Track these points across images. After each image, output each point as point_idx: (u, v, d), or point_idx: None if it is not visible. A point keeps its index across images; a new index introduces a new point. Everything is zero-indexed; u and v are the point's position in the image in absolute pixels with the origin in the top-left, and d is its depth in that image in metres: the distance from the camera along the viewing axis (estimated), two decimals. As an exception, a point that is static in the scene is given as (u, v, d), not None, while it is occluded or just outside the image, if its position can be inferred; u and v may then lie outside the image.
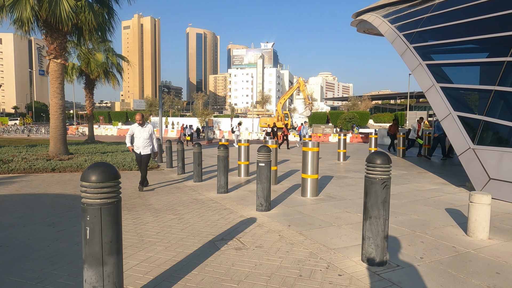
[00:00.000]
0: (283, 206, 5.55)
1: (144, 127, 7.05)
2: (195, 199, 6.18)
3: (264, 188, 5.11)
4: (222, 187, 6.74)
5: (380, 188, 2.99)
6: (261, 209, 5.16)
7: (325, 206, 5.48)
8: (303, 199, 6.05)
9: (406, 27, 10.54)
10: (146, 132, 7.01)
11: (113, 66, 22.68)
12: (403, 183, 7.68)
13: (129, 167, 10.59)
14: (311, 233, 4.09)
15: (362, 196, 6.24)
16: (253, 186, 7.44)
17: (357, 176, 8.74)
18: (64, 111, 12.76)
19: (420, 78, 8.50)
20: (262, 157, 5.11)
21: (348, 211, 5.19)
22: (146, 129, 7.06)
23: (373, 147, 13.37)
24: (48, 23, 11.77)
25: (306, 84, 45.41)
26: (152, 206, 5.61)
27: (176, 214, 5.04)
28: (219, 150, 6.71)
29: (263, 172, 5.11)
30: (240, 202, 5.91)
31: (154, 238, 3.97)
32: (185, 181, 8.26)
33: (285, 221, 4.62)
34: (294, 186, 7.38)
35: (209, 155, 15.38)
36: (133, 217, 4.90)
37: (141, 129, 7.02)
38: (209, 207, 5.51)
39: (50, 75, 12.48)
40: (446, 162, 11.89)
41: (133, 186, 7.63)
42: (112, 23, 13.70)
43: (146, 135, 7.00)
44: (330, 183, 7.78)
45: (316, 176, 6.19)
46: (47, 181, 8.23)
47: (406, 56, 9.45)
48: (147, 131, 7.03)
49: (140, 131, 7.02)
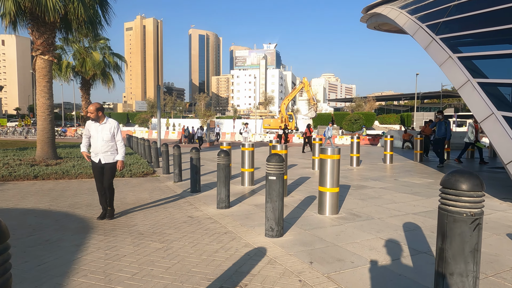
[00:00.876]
0: (298, 228, 4.46)
1: (103, 124, 4.97)
2: (190, 217, 5.10)
3: (276, 208, 4.02)
4: (222, 201, 5.65)
5: (468, 229, 1.90)
6: (271, 235, 4.07)
7: (351, 230, 4.38)
8: (321, 218, 4.95)
9: (429, 17, 9.43)
10: (106, 132, 4.95)
11: (110, 66, 21.68)
12: (435, 195, 6.56)
13: (121, 173, 9.54)
14: (343, 277, 2.99)
15: (393, 214, 5.14)
16: (259, 199, 6.35)
17: (378, 186, 7.62)
18: (53, 112, 11.75)
19: (451, 73, 7.39)
20: (272, 169, 4.02)
21: (383, 236, 4.08)
22: (106, 126, 4.96)
23: (388, 151, 12.25)
24: (34, 15, 10.78)
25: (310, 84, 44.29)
26: (135, 228, 4.53)
27: (163, 242, 3.96)
28: (219, 157, 5.63)
29: (274, 188, 4.02)
30: (244, 221, 4.82)
31: (126, 284, 2.89)
32: (180, 191, 7.18)
33: (305, 254, 3.53)
34: (308, 199, 6.29)
35: (210, 158, 14.31)
36: (108, 245, 3.83)
37: (99, 126, 4.96)
38: (206, 230, 4.42)
39: (37, 73, 11.47)
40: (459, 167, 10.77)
41: (121, 197, 6.56)
42: (105, 17, 12.70)
43: (106, 136, 4.95)
44: (348, 194, 6.68)
45: (337, 189, 5.10)
46: (25, 191, 7.19)
47: (432, 49, 8.34)
48: (107, 130, 4.95)
49: (97, 129, 4.95)
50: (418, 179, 8.48)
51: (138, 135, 38.80)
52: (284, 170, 5.19)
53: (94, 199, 6.41)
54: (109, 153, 4.99)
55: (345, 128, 43.42)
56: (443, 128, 10.60)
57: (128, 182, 8.51)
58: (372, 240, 3.97)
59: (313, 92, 44.29)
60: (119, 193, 6.99)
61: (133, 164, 11.05)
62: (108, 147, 4.98)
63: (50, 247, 3.79)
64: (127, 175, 9.50)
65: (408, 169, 10.61)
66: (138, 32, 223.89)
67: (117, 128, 5.07)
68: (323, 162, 5.09)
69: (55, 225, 4.71)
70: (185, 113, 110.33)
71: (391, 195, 6.62)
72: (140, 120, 59.32)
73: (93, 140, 5.01)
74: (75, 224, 4.74)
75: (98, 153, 4.97)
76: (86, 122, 5.13)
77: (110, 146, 4.99)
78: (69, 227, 4.58)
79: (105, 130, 4.97)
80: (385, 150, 12.39)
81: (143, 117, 59.73)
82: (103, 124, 5.01)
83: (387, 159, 12.24)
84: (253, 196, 6.67)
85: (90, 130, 5.03)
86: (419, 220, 4.80)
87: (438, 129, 10.76)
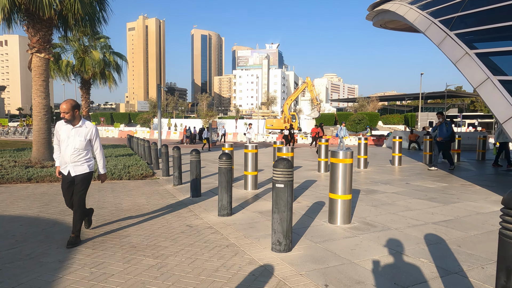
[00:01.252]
0: (308, 240, 4.02)
1: (77, 127, 3.94)
2: (189, 226, 4.67)
3: (284, 219, 3.58)
4: (224, 208, 5.23)
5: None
6: (278, 249, 3.63)
7: (367, 243, 3.94)
8: (332, 228, 4.51)
9: (442, 12, 8.96)
10: (80, 138, 3.92)
11: (111, 65, 21.28)
12: (452, 201, 6.10)
13: (119, 176, 9.14)
14: (365, 304, 2.54)
15: (410, 224, 4.68)
16: (264, 205, 5.92)
17: (389, 190, 7.17)
18: (49, 112, 11.36)
19: (468, 70, 6.93)
20: (280, 175, 3.58)
21: (405, 251, 3.63)
22: (81, 131, 3.95)
23: (397, 152, 11.78)
24: (29, 12, 10.39)
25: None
26: (128, 240, 4.11)
27: (157, 257, 3.53)
28: (220, 160, 5.20)
29: (281, 197, 3.58)
30: (248, 232, 4.39)
31: (112, 312, 2.46)
32: (180, 195, 6.76)
33: (318, 274, 3.09)
34: (316, 206, 5.84)
35: (211, 160, 13.90)
36: (95, 262, 3.40)
37: (71, 130, 3.91)
38: (205, 243, 3.99)
39: (33, 71, 11.08)
40: (469, 170, 10.28)
41: (117, 203, 6.15)
42: (103, 14, 12.31)
43: (80, 143, 3.91)
44: (359, 200, 6.23)
45: (349, 196, 4.65)
46: (16, 194, 6.79)
47: (446, 45, 7.88)
48: (82, 136, 3.93)
49: (69, 133, 3.90)
50: (431, 183, 8.01)
51: (139, 135, 38.49)
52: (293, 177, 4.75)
53: (87, 204, 5.99)
54: (79, 163, 3.95)
55: (349, 129, 42.94)
56: (444, 130, 10.03)
57: (125, 185, 8.11)
58: (393, 256, 3.52)
59: (317, 92, 43.82)
60: (114, 198, 6.58)
61: (132, 166, 10.64)
62: (80, 156, 3.94)
63: (30, 263, 3.37)
64: (125, 177, 9.10)
65: (418, 171, 10.14)
66: (140, 32, 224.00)
67: (95, 134, 4.05)
68: (334, 166, 4.64)
69: (41, 235, 4.29)
70: (187, 113, 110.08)
71: (405, 201, 6.17)
72: (142, 120, 59.03)
73: (62, 146, 3.94)
74: (62, 234, 4.32)
75: (66, 163, 3.93)
76: (56, 124, 4.05)
77: (82, 155, 3.95)
78: (55, 238, 4.17)
79: (80, 136, 3.93)
80: (393, 151, 11.92)
81: (144, 117, 59.42)
82: (77, 128, 3.94)
83: (396, 161, 11.77)
84: (257, 201, 6.24)
85: (60, 134, 3.93)
86: (441, 231, 4.34)
87: (439, 131, 10.16)
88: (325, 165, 10.20)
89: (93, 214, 5.29)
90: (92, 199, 6.44)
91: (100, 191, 7.31)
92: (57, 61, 19.89)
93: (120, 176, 9.16)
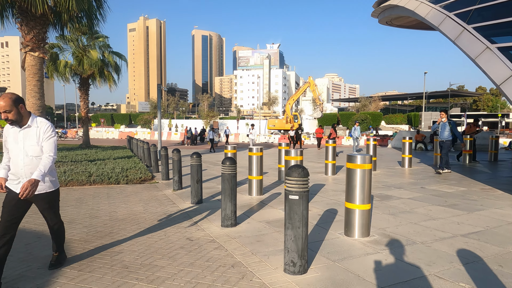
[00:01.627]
0: (325, 258, 3.52)
1: (26, 128, 2.99)
2: (189, 240, 4.19)
3: (299, 236, 3.09)
4: (228, 218, 4.74)
5: None
6: (292, 271, 3.14)
7: (392, 261, 3.44)
8: (350, 242, 4.01)
9: (457, 5, 8.46)
10: (31, 141, 2.97)
11: (110, 65, 20.83)
12: (476, 208, 5.59)
13: (116, 180, 8.67)
14: None
15: (437, 236, 4.18)
16: (271, 213, 5.43)
17: (405, 196, 6.67)
18: (44, 113, 10.91)
19: (490, 66, 6.43)
20: (294, 185, 3.09)
21: (440, 274, 3.13)
22: (30, 132, 2.99)
23: (407, 154, 11.26)
24: (22, 9, 9.93)
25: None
26: (120, 257, 3.62)
27: (152, 281, 3.04)
28: (223, 166, 4.71)
29: (296, 211, 3.09)
30: (255, 247, 3.90)
31: None
32: (180, 202, 6.27)
33: (342, 304, 2.59)
34: (328, 214, 5.35)
35: (213, 162, 13.42)
36: (80, 287, 2.91)
37: (19, 132, 2.99)
38: (207, 261, 3.50)
39: (27, 71, 10.61)
40: (483, 172, 9.75)
41: (111, 211, 5.67)
42: (100, 11, 11.84)
43: (32, 149, 2.97)
44: (374, 207, 5.73)
45: (368, 206, 4.15)
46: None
47: (463, 39, 7.38)
48: (33, 138, 2.98)
49: (17, 138, 2.98)
50: (448, 187, 7.51)
51: (140, 136, 38.06)
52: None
53: (79, 213, 5.53)
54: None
55: (350, 129, 42.46)
56: (446, 133, 9.45)
57: (123, 190, 7.64)
58: (428, 279, 3.02)
59: (319, 91, 43.31)
60: (109, 205, 6.10)
61: (130, 169, 10.17)
62: (34, 165, 2.95)
63: (4, 290, 2.89)
64: (122, 181, 8.63)
65: (431, 174, 9.62)
66: (141, 33, 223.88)
67: (49, 132, 3.02)
68: (351, 173, 4.14)
69: (23, 252, 3.82)
70: (188, 113, 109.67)
71: (425, 208, 5.66)
72: (143, 121, 58.65)
73: (12, 154, 2.99)
74: (46, 250, 3.84)
75: (20, 177, 2.95)
76: (4, 128, 3.13)
77: (36, 164, 2.96)
78: (39, 256, 3.69)
79: (30, 139, 2.96)
80: (403, 152, 11.41)
81: (145, 118, 59.04)
82: (25, 129, 2.98)
83: (406, 162, 11.26)
84: (263, 209, 5.75)
85: (7, 140, 3.01)
86: (473, 246, 3.84)
87: (441, 131, 9.59)
88: (333, 167, 9.69)
89: (85, 225, 4.83)
90: (85, 207, 5.97)
91: (95, 197, 6.84)
92: (55, 61, 19.47)
93: (117, 180, 8.69)
